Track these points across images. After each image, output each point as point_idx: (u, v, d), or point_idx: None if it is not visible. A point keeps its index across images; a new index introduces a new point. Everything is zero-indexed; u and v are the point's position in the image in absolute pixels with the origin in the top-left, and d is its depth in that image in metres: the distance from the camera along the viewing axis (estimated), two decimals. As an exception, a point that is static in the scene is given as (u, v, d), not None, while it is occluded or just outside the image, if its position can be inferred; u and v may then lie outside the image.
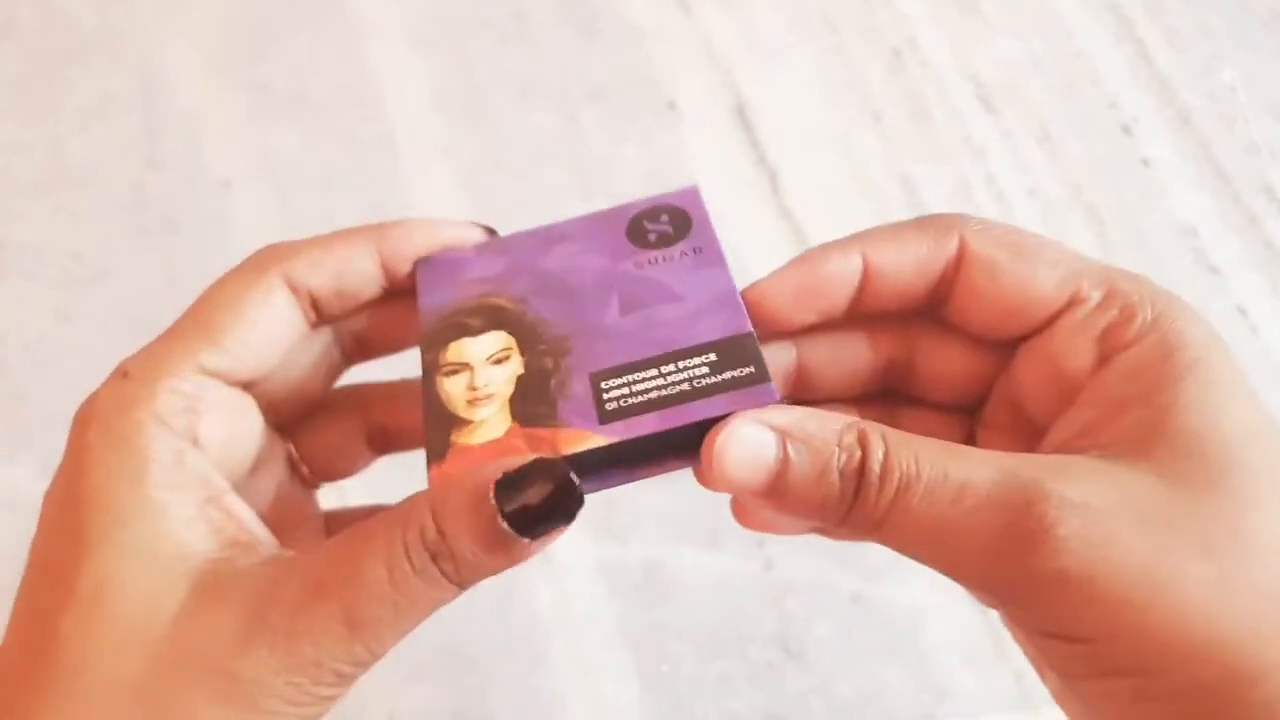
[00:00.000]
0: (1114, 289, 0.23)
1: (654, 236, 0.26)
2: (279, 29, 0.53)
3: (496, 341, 0.24)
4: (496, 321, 0.25)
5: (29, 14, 0.54)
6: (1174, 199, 0.49)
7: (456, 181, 0.49)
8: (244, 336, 0.24)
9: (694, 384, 0.22)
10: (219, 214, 0.48)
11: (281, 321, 0.25)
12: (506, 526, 0.20)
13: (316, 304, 0.25)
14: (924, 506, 0.20)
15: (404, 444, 0.30)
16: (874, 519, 0.20)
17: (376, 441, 0.30)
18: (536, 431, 0.22)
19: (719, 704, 0.38)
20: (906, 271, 0.24)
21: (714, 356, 0.23)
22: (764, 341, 0.23)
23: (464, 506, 0.20)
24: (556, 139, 0.50)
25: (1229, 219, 0.49)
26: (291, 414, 0.28)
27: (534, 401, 0.23)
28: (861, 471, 0.20)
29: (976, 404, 0.26)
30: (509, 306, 0.25)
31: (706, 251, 0.25)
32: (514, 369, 0.24)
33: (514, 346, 0.24)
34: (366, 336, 0.28)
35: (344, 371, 0.29)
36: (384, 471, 0.30)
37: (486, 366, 0.24)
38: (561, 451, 0.22)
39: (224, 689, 0.20)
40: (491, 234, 0.27)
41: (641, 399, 0.22)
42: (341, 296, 0.26)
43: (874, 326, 0.26)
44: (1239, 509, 0.20)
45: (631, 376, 0.23)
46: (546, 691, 0.38)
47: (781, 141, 0.51)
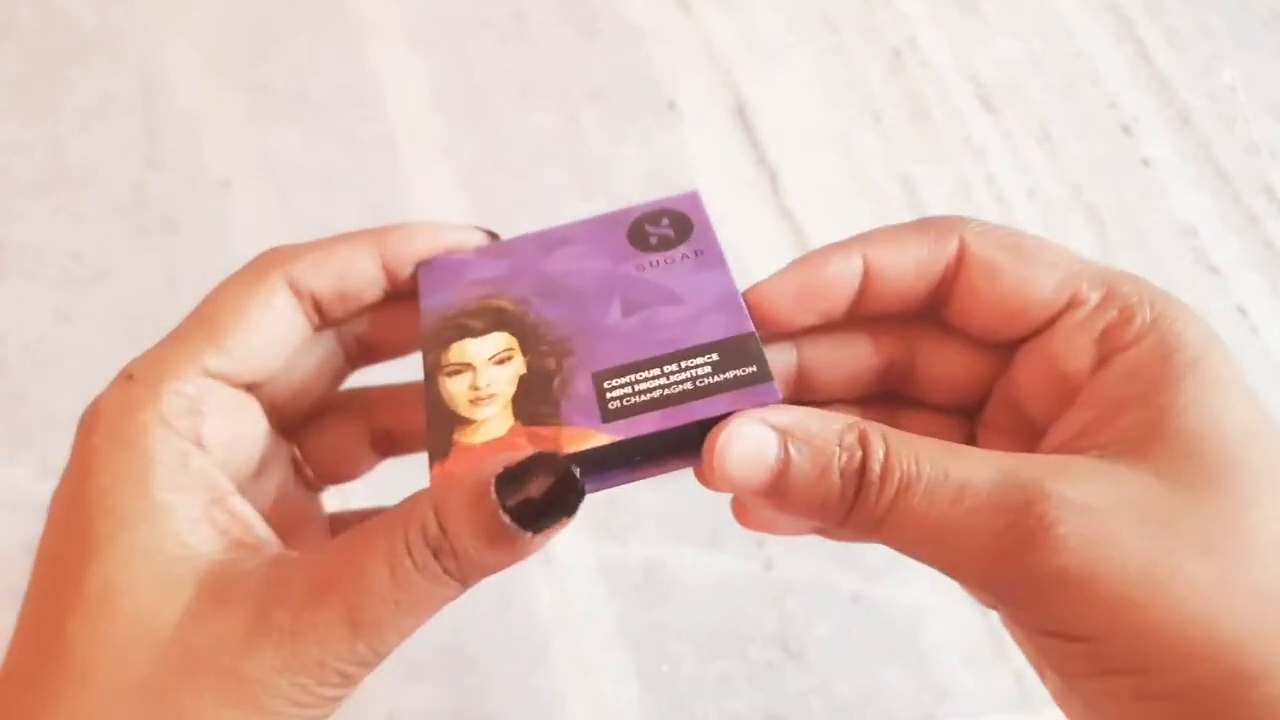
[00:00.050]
0: (1113, 290, 0.23)
1: (655, 240, 0.26)
2: (279, 29, 0.53)
3: (498, 342, 0.24)
4: (498, 323, 0.25)
5: (29, 14, 0.53)
6: (1174, 199, 0.49)
7: (456, 181, 0.49)
8: (247, 339, 0.24)
9: (697, 383, 0.22)
10: (219, 214, 0.48)
11: (284, 324, 0.25)
12: (508, 521, 0.20)
13: (319, 307, 0.25)
14: (924, 506, 0.20)
15: (408, 447, 0.30)
16: (875, 519, 0.21)
17: (381, 444, 0.30)
18: (539, 430, 0.22)
19: (719, 704, 0.38)
20: (907, 273, 0.24)
21: (716, 356, 0.23)
22: (765, 343, 0.23)
23: (465, 501, 0.20)
24: (556, 139, 0.50)
25: (1229, 219, 0.49)
26: (296, 416, 0.28)
27: (537, 401, 0.23)
28: (862, 471, 0.20)
29: (977, 405, 0.27)
30: (511, 308, 0.25)
31: (708, 254, 0.25)
32: (516, 369, 0.24)
33: (516, 347, 0.24)
34: (370, 340, 0.28)
35: (348, 376, 0.29)
36: (388, 474, 0.30)
37: (489, 367, 0.24)
38: (565, 450, 0.22)
39: (230, 690, 0.20)
40: (493, 237, 0.27)
41: (644, 398, 0.22)
42: (344, 299, 0.26)
43: (874, 328, 0.26)
44: (1238, 509, 0.20)
45: (634, 376, 0.23)
46: (546, 691, 0.38)
47: (781, 141, 0.51)
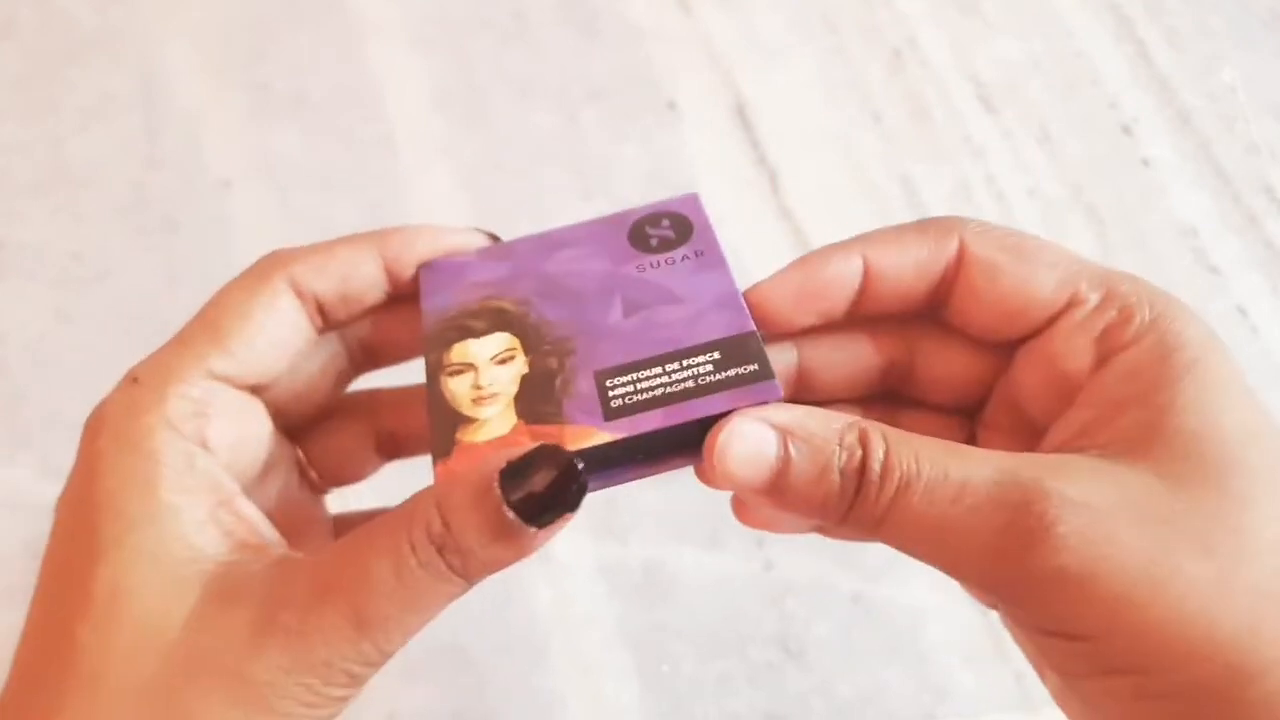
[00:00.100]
0: (1112, 290, 0.23)
1: (656, 241, 0.26)
2: (279, 29, 0.53)
3: (500, 342, 0.24)
4: (500, 323, 0.25)
5: (29, 14, 0.53)
6: (1174, 199, 0.49)
7: (456, 181, 0.49)
8: (251, 341, 0.24)
9: (698, 382, 0.22)
10: (219, 214, 0.48)
11: (288, 326, 0.25)
12: (512, 515, 0.20)
13: (322, 309, 0.26)
14: (924, 505, 0.20)
15: (413, 449, 0.30)
16: (874, 517, 0.21)
17: (385, 447, 0.30)
18: (542, 429, 0.22)
19: (719, 704, 0.38)
20: (907, 273, 0.24)
21: (718, 355, 0.23)
22: (765, 343, 0.23)
23: (469, 497, 0.20)
24: (556, 139, 0.50)
25: (1229, 219, 0.49)
26: (300, 419, 0.28)
27: (539, 400, 0.23)
28: (862, 470, 0.20)
29: (977, 405, 0.27)
30: (512, 309, 0.25)
31: (708, 255, 0.25)
32: (518, 369, 0.24)
33: (518, 347, 0.24)
34: (373, 343, 0.28)
35: (353, 379, 0.29)
36: (392, 477, 0.30)
37: (491, 366, 0.24)
38: (568, 447, 0.22)
39: (237, 691, 0.20)
40: (494, 239, 0.27)
41: (646, 396, 0.22)
42: (346, 301, 0.26)
43: (874, 328, 0.26)
44: (1237, 508, 0.20)
45: (636, 375, 0.23)
46: (546, 691, 0.38)
47: (781, 141, 0.51)
